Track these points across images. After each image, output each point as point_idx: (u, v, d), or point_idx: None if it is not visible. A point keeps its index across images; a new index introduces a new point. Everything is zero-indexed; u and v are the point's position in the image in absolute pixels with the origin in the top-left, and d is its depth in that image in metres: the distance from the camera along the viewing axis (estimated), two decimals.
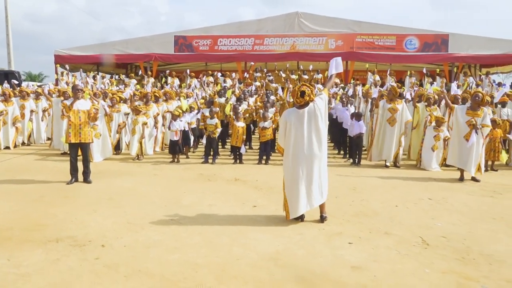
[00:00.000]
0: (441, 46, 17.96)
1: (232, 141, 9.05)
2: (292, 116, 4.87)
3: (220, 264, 3.78)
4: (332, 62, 5.20)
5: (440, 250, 4.15)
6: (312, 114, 4.79)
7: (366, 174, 7.95)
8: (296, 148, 4.84)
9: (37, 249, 4.09)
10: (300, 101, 4.76)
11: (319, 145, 4.82)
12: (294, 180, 4.86)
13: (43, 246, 4.17)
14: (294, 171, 4.86)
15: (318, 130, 4.80)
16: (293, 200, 4.88)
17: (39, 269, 3.68)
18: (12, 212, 5.28)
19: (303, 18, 18.96)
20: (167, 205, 5.67)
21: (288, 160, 4.94)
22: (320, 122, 4.80)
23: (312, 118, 4.79)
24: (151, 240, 4.34)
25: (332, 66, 5.19)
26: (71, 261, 3.83)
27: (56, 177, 7.26)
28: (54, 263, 3.79)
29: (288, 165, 4.94)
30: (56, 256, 3.94)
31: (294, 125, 4.83)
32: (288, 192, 4.95)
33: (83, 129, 6.88)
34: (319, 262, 3.86)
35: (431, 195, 6.36)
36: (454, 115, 7.51)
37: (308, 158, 4.81)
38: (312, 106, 4.79)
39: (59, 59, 19.79)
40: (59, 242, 4.27)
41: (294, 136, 4.84)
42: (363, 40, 18.56)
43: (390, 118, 8.54)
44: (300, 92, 4.73)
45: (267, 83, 16.99)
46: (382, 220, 5.12)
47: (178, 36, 19.69)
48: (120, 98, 10.20)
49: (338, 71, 5.24)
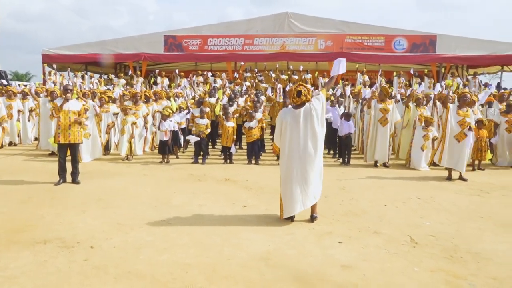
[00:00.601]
0: (429, 46, 18.15)
1: (222, 141, 9.04)
2: (288, 115, 4.87)
3: (210, 265, 3.77)
4: (336, 63, 5.17)
5: (429, 249, 4.20)
6: (308, 114, 4.80)
7: (355, 173, 8.00)
8: (292, 148, 4.84)
9: (25, 251, 4.03)
10: (296, 100, 4.76)
11: (314, 146, 4.82)
12: (288, 180, 4.87)
13: (30, 248, 4.11)
14: (288, 171, 4.87)
15: (313, 131, 4.81)
16: (287, 199, 4.89)
17: (27, 271, 3.62)
18: None
19: (292, 18, 19.00)
20: (157, 205, 5.63)
21: (283, 160, 4.95)
22: (316, 122, 4.81)
23: (308, 118, 4.80)
24: (141, 241, 4.31)
25: (336, 67, 5.16)
26: (59, 263, 3.78)
27: (44, 178, 7.17)
28: (42, 265, 3.74)
29: (283, 165, 4.95)
30: (44, 257, 3.89)
31: (290, 124, 4.83)
32: (283, 192, 4.96)
33: (72, 130, 6.80)
34: (310, 261, 3.87)
35: (419, 194, 6.42)
36: (449, 114, 7.53)
37: (303, 158, 4.82)
38: (309, 106, 4.80)
39: (47, 59, 19.52)
40: (47, 244, 4.22)
41: (289, 136, 4.85)
42: (352, 41, 18.67)
43: (381, 118, 8.58)
44: (297, 91, 4.74)
45: (257, 83, 16.99)
46: (372, 219, 5.16)
47: (167, 36, 19.58)
48: (109, 97, 10.11)
49: (340, 72, 5.22)
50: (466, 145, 7.33)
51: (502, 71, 20.71)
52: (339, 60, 5.19)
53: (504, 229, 4.84)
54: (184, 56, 19.75)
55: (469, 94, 7.56)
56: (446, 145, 7.56)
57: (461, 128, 7.39)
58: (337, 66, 5.16)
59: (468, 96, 7.49)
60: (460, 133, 7.39)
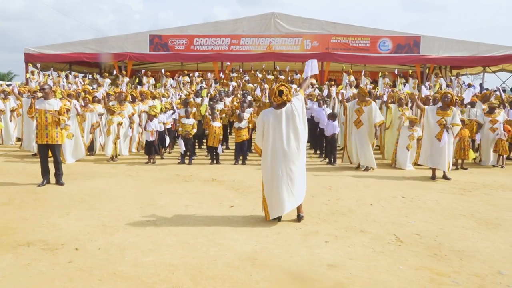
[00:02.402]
0: (413, 47, 18.42)
1: (209, 141, 9.00)
2: (270, 116, 4.87)
3: (196, 265, 3.75)
4: (308, 64, 5.24)
5: (413, 247, 4.25)
6: (289, 114, 4.82)
7: (341, 173, 8.06)
8: (275, 148, 4.84)
9: (7, 254, 3.95)
10: (278, 100, 4.78)
11: (297, 145, 4.85)
12: (274, 181, 4.86)
13: (13, 251, 4.03)
14: (273, 172, 4.86)
15: (296, 130, 4.83)
16: (273, 200, 4.87)
17: (9, 274, 3.55)
18: None
19: (279, 18, 19.07)
20: (142, 206, 5.58)
21: (266, 160, 4.93)
22: (298, 122, 4.83)
23: (290, 118, 4.82)
24: (126, 242, 4.27)
25: (308, 68, 5.24)
26: (42, 266, 3.71)
27: (26, 179, 7.04)
28: (24, 268, 3.66)
29: (267, 166, 4.93)
30: (27, 260, 3.81)
31: (272, 125, 4.83)
32: (268, 193, 4.94)
33: (49, 130, 6.66)
34: (296, 261, 3.88)
35: (404, 193, 6.50)
36: (425, 116, 7.69)
37: (287, 158, 4.82)
38: (290, 106, 4.82)
39: (30, 58, 19.21)
40: (30, 246, 4.14)
41: (272, 136, 4.84)
42: (338, 41, 18.83)
43: (356, 120, 8.28)
44: (278, 91, 4.75)
45: (243, 83, 16.99)
46: (357, 218, 5.20)
47: (153, 36, 19.46)
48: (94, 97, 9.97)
49: (313, 73, 5.31)
50: (443, 144, 7.39)
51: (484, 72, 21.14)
52: (310, 61, 5.26)
53: (486, 227, 4.93)
54: (170, 56, 19.66)
55: (450, 94, 7.68)
56: (423, 145, 7.71)
57: (440, 127, 7.50)
58: (309, 67, 5.23)
59: (449, 96, 7.61)
60: (440, 132, 7.49)
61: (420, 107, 8.02)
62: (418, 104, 8.23)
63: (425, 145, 7.69)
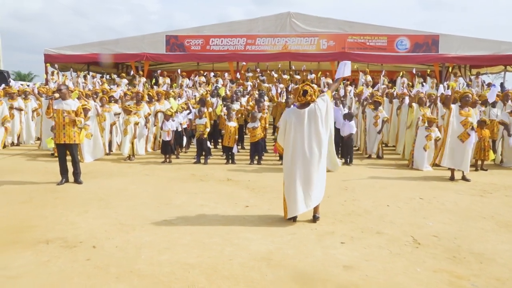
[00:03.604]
0: (432, 46, 18.11)
1: (225, 141, 9.03)
2: (293, 115, 4.85)
3: (212, 264, 3.77)
4: (341, 65, 5.13)
5: (431, 249, 4.19)
6: (312, 114, 4.77)
7: (357, 174, 7.99)
8: (295, 148, 4.83)
9: (27, 251, 4.04)
10: (301, 99, 4.74)
11: (318, 146, 4.80)
12: (292, 180, 4.85)
13: (32, 248, 4.12)
14: (292, 171, 4.85)
15: (317, 131, 4.78)
16: (291, 200, 4.87)
17: (29, 271, 3.63)
18: (1, 214, 5.21)
19: (294, 18, 18.99)
20: (158, 205, 5.64)
21: (287, 159, 4.93)
22: (320, 123, 4.77)
23: (312, 118, 4.78)
24: (143, 241, 4.32)
25: (340, 69, 5.12)
26: (61, 263, 3.79)
27: (46, 178, 7.19)
28: (44, 265, 3.75)
29: (287, 165, 4.94)
30: (46, 257, 3.90)
31: (294, 124, 4.82)
32: (286, 192, 4.94)
33: (67, 130, 6.79)
34: (311, 261, 3.87)
35: (422, 194, 6.41)
36: (452, 115, 7.48)
37: (306, 159, 4.80)
38: (313, 106, 4.78)
39: (49, 58, 19.54)
40: (49, 244, 4.23)
41: (293, 136, 4.83)
42: (355, 41, 18.65)
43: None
44: (302, 90, 4.71)
45: (259, 83, 16.99)
46: (374, 219, 5.15)
47: (169, 36, 19.60)
48: (111, 97, 10.12)
49: (346, 75, 5.18)
50: (470, 145, 7.30)
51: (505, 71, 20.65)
52: (344, 63, 5.15)
53: (507, 229, 4.82)
54: (186, 56, 19.76)
55: (470, 94, 7.53)
56: (446, 146, 7.50)
57: (464, 128, 7.37)
58: (342, 69, 5.12)
59: (470, 96, 7.47)
60: (463, 133, 7.37)
61: (448, 106, 7.77)
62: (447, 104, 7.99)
63: (448, 146, 7.52)
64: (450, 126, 7.49)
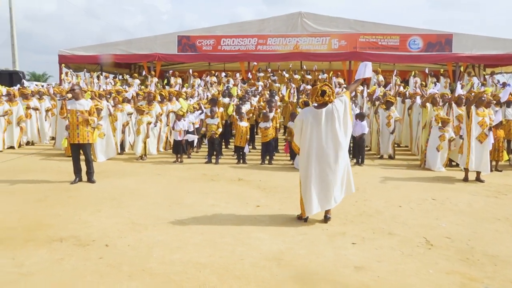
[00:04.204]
0: (445, 46, 17.89)
1: (236, 141, 9.05)
2: (309, 115, 4.84)
3: (223, 264, 3.78)
4: (362, 66, 5.10)
5: (444, 251, 4.14)
6: (329, 115, 4.75)
7: (369, 174, 7.93)
8: (311, 147, 4.81)
9: (41, 249, 4.11)
10: (319, 100, 4.73)
11: (334, 147, 4.76)
12: (307, 180, 4.85)
13: (47, 246, 4.18)
14: (307, 171, 4.85)
15: (334, 132, 4.74)
16: (307, 199, 4.86)
17: (43, 268, 3.69)
18: (15, 212, 5.30)
19: (306, 18, 18.94)
20: (170, 205, 5.68)
21: (303, 159, 4.93)
22: (337, 124, 4.74)
23: (329, 119, 4.75)
24: (155, 240, 4.35)
25: (361, 70, 5.09)
26: (74, 261, 3.84)
27: (60, 177, 7.29)
28: (57, 263, 3.80)
29: (303, 165, 4.93)
30: (60, 255, 3.95)
31: (311, 124, 4.80)
32: (303, 191, 4.93)
33: (81, 130, 6.87)
34: (322, 262, 3.86)
35: (434, 195, 6.34)
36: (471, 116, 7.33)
37: (322, 159, 4.78)
38: (331, 107, 4.75)
39: (63, 59, 19.85)
40: (63, 242, 4.29)
41: (309, 136, 4.82)
42: (367, 40, 18.52)
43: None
44: (321, 91, 4.69)
45: (270, 83, 16.99)
46: (386, 220, 5.11)
47: (181, 36, 19.72)
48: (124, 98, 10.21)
49: (366, 76, 5.15)
50: (488, 145, 7.19)
51: None
52: (364, 64, 5.10)
53: None
54: (198, 56, 19.86)
55: (485, 94, 7.41)
56: (472, 149, 7.31)
57: (481, 128, 7.26)
58: (362, 70, 5.07)
59: (485, 96, 7.35)
60: (481, 133, 7.26)
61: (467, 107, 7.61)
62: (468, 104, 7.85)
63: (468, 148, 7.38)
64: (473, 128, 7.35)
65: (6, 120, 10.26)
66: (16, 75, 21.51)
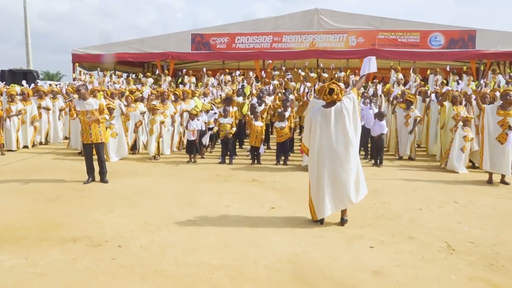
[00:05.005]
0: (468, 42, 17.59)
1: (251, 141, 9.04)
2: (318, 114, 4.82)
3: (236, 266, 3.79)
4: (366, 61, 5.11)
5: (467, 256, 4.07)
6: (339, 113, 4.73)
7: (387, 175, 7.85)
8: (321, 148, 4.79)
9: (54, 249, 4.18)
10: (327, 98, 4.71)
11: (345, 146, 4.74)
12: (320, 181, 4.82)
13: (60, 246, 4.25)
14: (319, 172, 4.82)
15: (345, 131, 4.73)
16: (319, 201, 4.84)
17: (56, 268, 3.76)
18: (29, 211, 5.41)
19: (322, 14, 18.85)
20: (183, 205, 5.71)
21: (313, 160, 4.90)
22: (347, 122, 4.73)
23: (339, 118, 4.73)
24: (167, 241, 4.39)
25: (365, 65, 5.09)
26: (87, 261, 3.90)
27: (73, 177, 7.41)
28: (71, 263, 3.86)
29: (313, 166, 4.91)
30: (73, 255, 4.02)
31: (320, 124, 4.78)
32: (314, 194, 4.92)
33: (93, 130, 6.95)
34: (339, 266, 3.83)
35: (456, 197, 6.23)
36: (485, 116, 7.28)
37: (333, 158, 4.75)
38: (339, 105, 4.74)
39: (77, 58, 20.19)
40: (76, 242, 4.35)
41: (319, 136, 4.80)
42: (385, 37, 18.34)
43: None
44: (329, 89, 4.68)
45: (286, 82, 16.94)
46: (405, 223, 5.04)
47: (195, 34, 19.84)
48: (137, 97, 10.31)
49: (371, 71, 5.16)
50: (509, 146, 7.03)
51: None
52: (369, 58, 5.11)
53: None
54: (212, 54, 19.95)
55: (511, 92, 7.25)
56: (485, 149, 7.24)
57: (502, 129, 7.12)
58: (366, 65, 5.09)
59: (511, 94, 7.19)
60: (502, 134, 7.12)
61: (479, 106, 7.57)
62: (478, 102, 7.79)
63: (485, 149, 7.26)
64: (486, 127, 7.24)
65: (20, 120, 10.48)
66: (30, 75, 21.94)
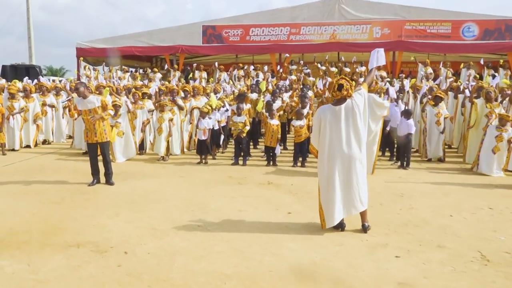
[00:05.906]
0: (505, 33, 17.26)
1: (266, 141, 9.03)
2: (328, 113, 4.81)
3: (250, 276, 3.79)
4: (373, 54, 5.14)
5: (503, 268, 4.00)
6: (349, 111, 4.72)
7: (415, 178, 7.77)
8: (332, 148, 4.78)
9: (57, 254, 4.25)
10: (336, 94, 4.70)
11: (358, 146, 4.74)
12: (330, 185, 4.81)
13: (63, 251, 4.33)
14: (330, 175, 4.80)
15: (356, 129, 4.73)
16: (329, 207, 4.82)
17: (59, 275, 3.82)
18: (31, 215, 5.51)
19: (344, 4, 18.72)
20: (193, 209, 5.75)
21: (323, 163, 4.89)
22: (359, 120, 4.73)
23: (350, 115, 4.72)
24: (176, 247, 4.42)
25: (373, 58, 5.14)
26: (92, 268, 3.95)
27: (77, 178, 7.52)
28: (74, 270, 3.92)
29: (323, 168, 4.89)
30: (77, 262, 4.08)
31: (330, 123, 4.77)
32: (323, 198, 4.90)
33: (97, 129, 7.02)
34: (361, 276, 3.81)
35: (491, 203, 6.14)
36: None
37: (346, 160, 4.74)
38: (350, 102, 4.73)
39: (81, 52, 20.41)
40: (80, 248, 4.42)
41: (329, 136, 4.79)
42: (413, 28, 18.12)
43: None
44: (338, 85, 4.68)
45: (304, 77, 16.89)
46: (434, 231, 4.99)
47: (206, 26, 19.89)
48: (144, 93, 10.36)
49: (379, 64, 5.20)
50: None
51: None
52: (376, 51, 5.15)
53: None
54: (224, 47, 19.97)
55: None
56: None
57: None
58: (374, 57, 5.13)
59: None
60: None
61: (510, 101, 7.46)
62: None
63: None
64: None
65: (23, 118, 10.64)
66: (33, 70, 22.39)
